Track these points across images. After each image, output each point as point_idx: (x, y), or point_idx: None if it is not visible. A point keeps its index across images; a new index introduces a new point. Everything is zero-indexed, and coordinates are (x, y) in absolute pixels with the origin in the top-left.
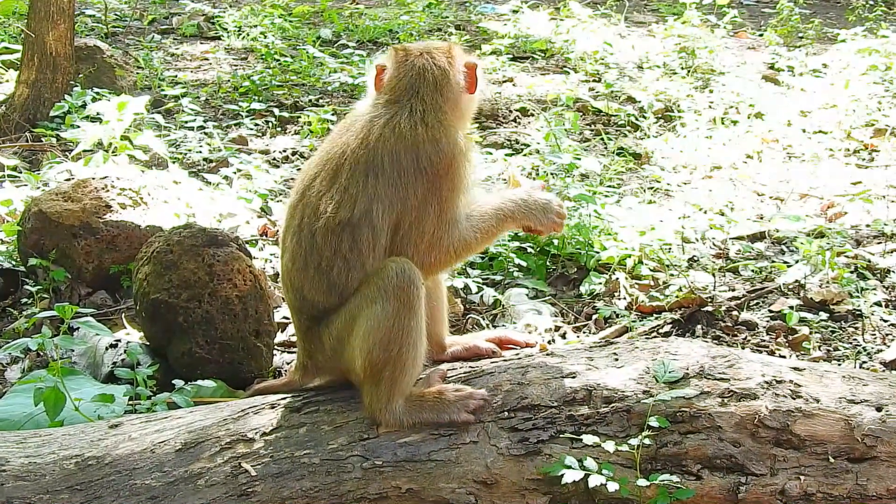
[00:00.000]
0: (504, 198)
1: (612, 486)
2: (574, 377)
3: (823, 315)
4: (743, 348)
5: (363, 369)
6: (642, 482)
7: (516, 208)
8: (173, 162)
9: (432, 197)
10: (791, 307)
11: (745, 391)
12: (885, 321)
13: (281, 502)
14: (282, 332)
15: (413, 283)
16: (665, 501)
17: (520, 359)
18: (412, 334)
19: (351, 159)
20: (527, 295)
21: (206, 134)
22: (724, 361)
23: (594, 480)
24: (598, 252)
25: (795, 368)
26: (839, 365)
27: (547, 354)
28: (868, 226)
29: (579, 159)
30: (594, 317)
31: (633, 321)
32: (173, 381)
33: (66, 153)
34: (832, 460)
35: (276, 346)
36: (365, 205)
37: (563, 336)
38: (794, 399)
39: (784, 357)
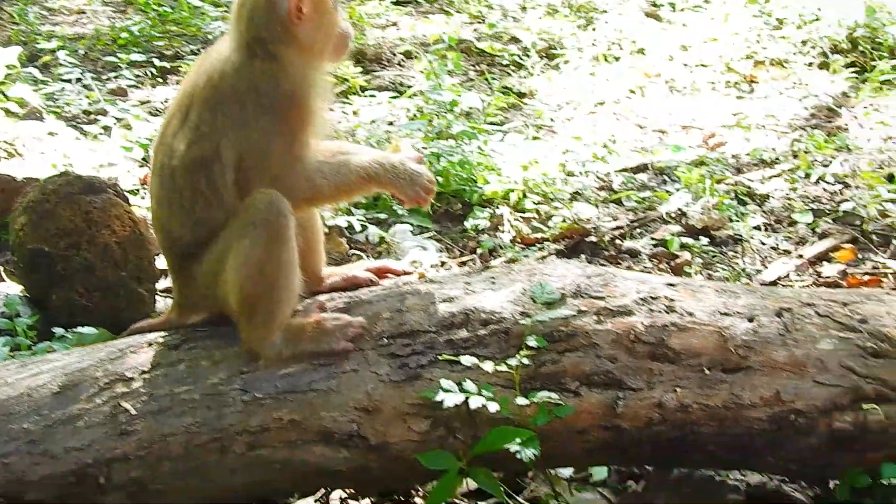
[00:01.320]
0: (374, 158)
1: (493, 407)
2: (452, 302)
3: (705, 240)
4: None
5: (237, 304)
6: (521, 401)
7: (382, 171)
8: (50, 114)
9: (275, 133)
10: (673, 234)
11: (620, 308)
12: (764, 244)
13: (162, 439)
14: (165, 277)
15: (281, 213)
16: (545, 419)
17: (398, 287)
18: (284, 266)
19: (199, 98)
20: (412, 232)
21: (84, 86)
22: (599, 280)
23: (475, 402)
24: (482, 187)
25: (670, 284)
26: None
27: (425, 281)
28: (748, 154)
29: (460, 96)
30: (478, 250)
31: (518, 253)
32: (53, 330)
33: None
34: (707, 372)
35: (159, 292)
36: (214, 142)
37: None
38: (668, 314)
39: None
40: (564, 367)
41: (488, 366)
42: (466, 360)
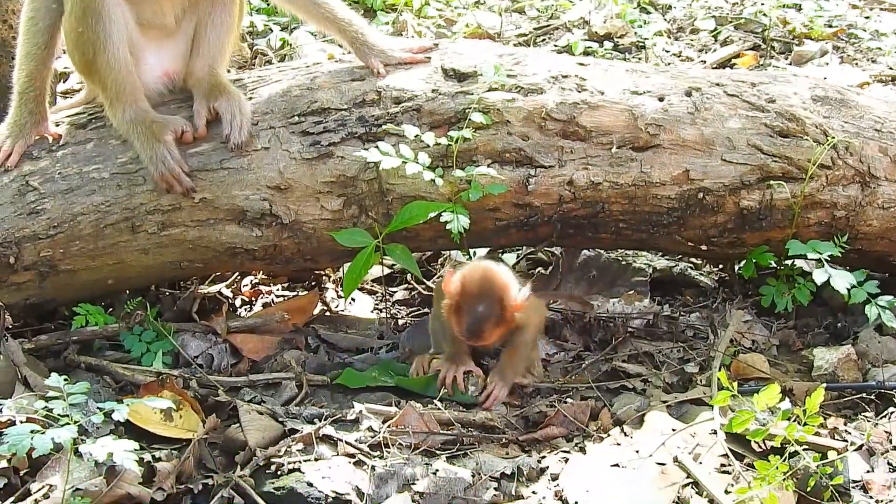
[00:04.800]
0: None
1: (428, 175)
2: (363, 80)
3: (608, 45)
4: None
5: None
6: (459, 173)
7: None
8: None
9: None
10: (578, 39)
11: (532, 86)
12: (668, 51)
13: (72, 218)
14: (64, 80)
15: None
16: (478, 194)
17: (308, 67)
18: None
19: None
20: (314, 35)
21: None
22: (511, 59)
23: (411, 168)
24: None
25: (581, 64)
26: None
27: (335, 62)
28: None
29: None
30: None
31: None
32: None
33: None
34: (617, 150)
35: (60, 94)
36: None
37: None
38: (579, 92)
39: None
40: (476, 145)
41: (429, 137)
42: (409, 130)
